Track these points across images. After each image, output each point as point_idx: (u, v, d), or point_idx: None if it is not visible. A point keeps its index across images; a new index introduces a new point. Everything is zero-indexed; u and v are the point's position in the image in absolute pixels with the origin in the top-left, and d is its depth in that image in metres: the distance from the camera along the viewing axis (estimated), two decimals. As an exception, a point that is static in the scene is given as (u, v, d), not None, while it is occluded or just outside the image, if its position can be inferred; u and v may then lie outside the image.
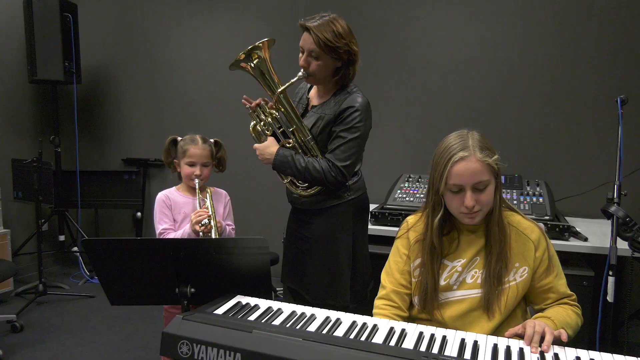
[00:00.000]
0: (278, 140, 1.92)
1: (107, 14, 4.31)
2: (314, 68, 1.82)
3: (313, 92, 2.02)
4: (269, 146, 1.89)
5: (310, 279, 1.96)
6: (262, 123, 1.92)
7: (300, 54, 1.84)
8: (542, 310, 1.39)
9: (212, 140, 2.12)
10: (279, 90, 1.85)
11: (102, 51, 4.34)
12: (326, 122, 1.86)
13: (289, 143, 1.91)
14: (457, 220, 1.39)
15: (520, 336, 1.18)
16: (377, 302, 1.48)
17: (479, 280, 1.37)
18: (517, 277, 1.36)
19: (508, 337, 1.18)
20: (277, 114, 1.90)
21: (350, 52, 1.82)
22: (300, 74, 1.83)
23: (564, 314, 1.33)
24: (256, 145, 1.93)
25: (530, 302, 1.43)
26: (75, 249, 4.18)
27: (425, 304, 1.40)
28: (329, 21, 1.78)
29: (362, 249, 2.00)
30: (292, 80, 1.84)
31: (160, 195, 2.04)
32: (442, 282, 1.39)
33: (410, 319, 1.46)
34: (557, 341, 1.16)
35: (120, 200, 4.10)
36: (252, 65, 1.85)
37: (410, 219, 1.51)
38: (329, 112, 1.86)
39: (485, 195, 1.30)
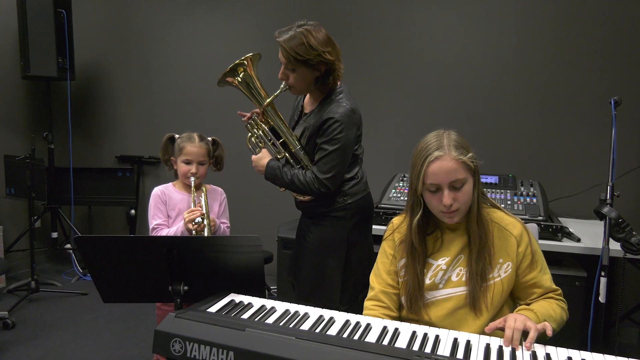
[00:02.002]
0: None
1: (102, 10, 4.28)
2: (291, 81, 1.85)
3: (307, 99, 2.03)
4: (262, 158, 1.97)
5: (301, 277, 2.01)
6: (255, 136, 1.99)
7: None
8: (527, 305, 1.40)
9: (210, 138, 2.11)
10: (264, 104, 1.90)
11: (96, 48, 4.31)
12: (310, 133, 1.89)
13: (280, 155, 1.96)
14: (439, 219, 1.40)
15: (502, 329, 1.19)
16: (367, 303, 1.50)
17: (464, 278, 1.38)
18: (501, 273, 1.37)
19: (489, 332, 1.19)
20: (266, 126, 1.96)
21: (324, 62, 1.80)
22: (282, 85, 1.88)
23: (548, 307, 1.34)
24: (252, 156, 2.00)
25: (516, 297, 1.44)
26: (68, 246, 4.16)
27: (411, 304, 1.41)
28: (301, 33, 1.76)
29: (360, 252, 1.98)
30: (276, 93, 1.89)
31: (156, 190, 2.04)
32: (428, 281, 1.40)
33: (400, 319, 1.47)
34: (543, 337, 1.17)
35: (114, 197, 4.07)
36: (239, 79, 1.91)
37: (396, 220, 1.53)
38: (312, 123, 1.88)
39: (462, 193, 1.32)
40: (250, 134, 2.00)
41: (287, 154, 1.96)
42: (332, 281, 1.94)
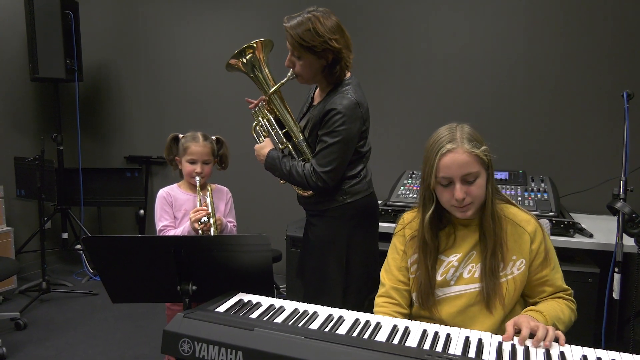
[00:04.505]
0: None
1: (108, 11, 4.30)
2: (298, 69, 1.80)
3: (317, 90, 1.97)
4: (263, 147, 1.92)
5: (306, 279, 1.98)
6: (260, 124, 1.95)
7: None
8: (535, 304, 1.37)
9: (213, 137, 2.11)
10: (270, 91, 1.86)
11: (104, 49, 4.33)
12: (313, 124, 1.83)
13: (282, 144, 1.92)
14: (452, 215, 1.38)
15: (517, 333, 1.16)
16: (377, 300, 1.48)
17: (476, 275, 1.36)
18: (514, 270, 1.35)
19: (506, 341, 1.16)
20: (271, 115, 1.91)
21: (331, 50, 1.73)
22: (289, 74, 1.83)
23: (557, 309, 1.32)
24: (255, 145, 1.96)
25: (525, 295, 1.41)
26: (79, 246, 4.19)
27: (422, 300, 1.39)
28: (309, 19, 1.71)
29: (363, 255, 1.91)
30: (282, 81, 1.85)
31: (162, 192, 2.03)
32: (439, 278, 1.38)
33: (411, 316, 1.45)
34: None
35: (123, 197, 4.09)
36: (244, 61, 1.86)
37: (407, 215, 1.51)
38: (316, 114, 1.82)
39: (475, 187, 1.29)
40: (255, 122, 1.96)
41: (289, 145, 1.91)
42: (334, 284, 1.88)
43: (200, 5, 3.96)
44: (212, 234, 1.89)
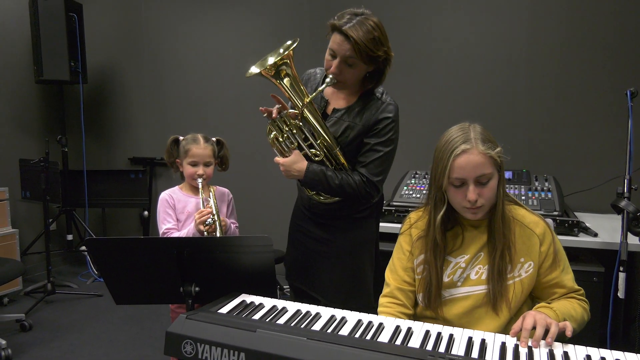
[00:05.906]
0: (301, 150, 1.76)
1: (112, 13, 4.32)
2: (347, 76, 1.65)
3: (330, 92, 1.81)
4: (296, 162, 1.70)
5: (329, 283, 1.86)
6: (284, 135, 1.71)
7: (329, 57, 1.64)
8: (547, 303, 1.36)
9: (214, 139, 2.10)
10: (307, 100, 1.65)
11: (108, 50, 4.35)
12: (357, 132, 1.71)
13: (317, 156, 1.73)
14: (460, 216, 1.37)
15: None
16: (382, 300, 1.48)
17: (483, 277, 1.35)
18: (522, 273, 1.34)
19: (514, 336, 1.16)
20: (300, 123, 1.71)
21: (388, 58, 1.67)
22: (328, 79, 1.65)
23: (569, 306, 1.31)
24: (279, 159, 1.73)
25: (536, 297, 1.40)
26: (83, 248, 4.20)
27: (429, 301, 1.38)
28: (369, 25, 1.58)
29: (378, 250, 1.95)
30: (321, 88, 1.66)
31: (164, 195, 2.03)
32: (446, 279, 1.38)
33: (415, 316, 1.45)
34: (562, 337, 1.14)
35: (127, 199, 4.11)
36: (284, 85, 1.69)
37: (413, 215, 1.49)
38: (359, 122, 1.71)
39: (488, 189, 1.28)
40: (275, 132, 1.71)
41: (324, 157, 1.73)
42: (367, 284, 1.86)
43: (204, 7, 3.96)
44: (217, 235, 1.89)
